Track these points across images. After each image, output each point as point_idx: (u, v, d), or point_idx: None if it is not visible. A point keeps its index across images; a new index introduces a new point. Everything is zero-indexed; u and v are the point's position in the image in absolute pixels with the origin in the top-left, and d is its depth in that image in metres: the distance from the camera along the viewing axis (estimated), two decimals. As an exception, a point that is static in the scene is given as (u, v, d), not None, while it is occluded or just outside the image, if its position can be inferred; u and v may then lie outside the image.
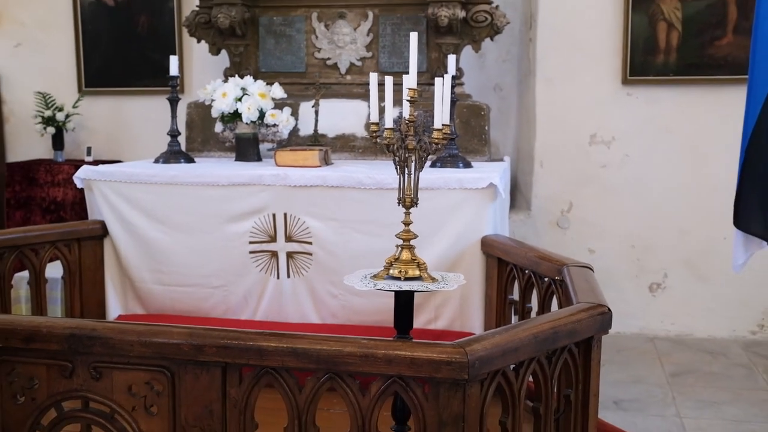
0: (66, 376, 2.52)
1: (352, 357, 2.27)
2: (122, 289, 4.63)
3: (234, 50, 5.48)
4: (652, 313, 5.85)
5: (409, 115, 2.48)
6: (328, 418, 2.44)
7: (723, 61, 5.60)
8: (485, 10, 5.16)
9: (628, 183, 5.82)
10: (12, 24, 6.67)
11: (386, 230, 3.14)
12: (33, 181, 6.21)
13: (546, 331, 2.47)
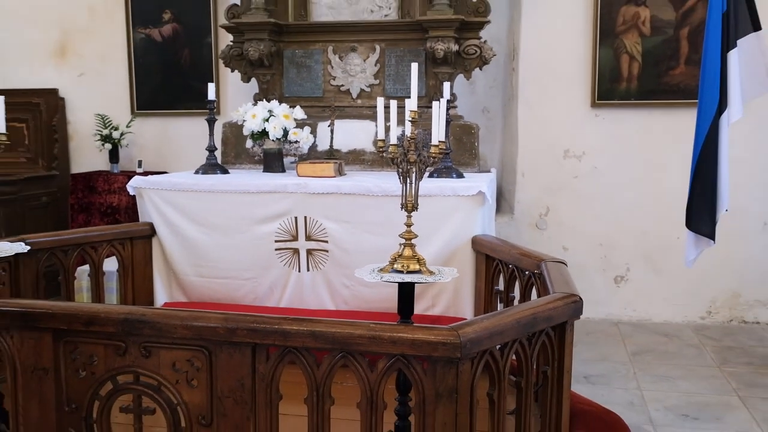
0: (120, 354, 2.52)
1: (362, 338, 2.27)
2: (167, 280, 4.63)
3: (262, 78, 5.49)
4: (616, 302, 5.84)
5: (411, 133, 2.48)
6: (341, 391, 2.43)
7: (676, 87, 5.60)
8: (475, 44, 5.17)
9: (596, 191, 5.81)
10: (76, 57, 6.69)
11: (391, 231, 3.14)
12: (93, 189, 6.22)
13: (527, 317, 2.47)
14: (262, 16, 5.23)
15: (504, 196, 6.12)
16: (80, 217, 6.23)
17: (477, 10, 5.17)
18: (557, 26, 5.78)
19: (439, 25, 5.03)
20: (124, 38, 6.50)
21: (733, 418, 3.90)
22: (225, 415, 2.44)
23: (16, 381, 2.61)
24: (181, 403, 2.49)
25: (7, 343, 2.60)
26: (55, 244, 3.94)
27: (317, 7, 5.47)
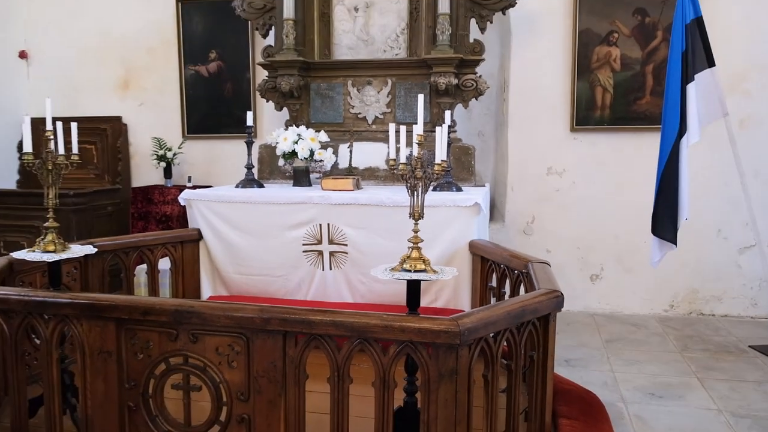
0: (172, 340, 2.53)
1: (376, 327, 2.27)
2: (212, 277, 4.64)
3: (292, 107, 5.49)
4: (592, 296, 5.81)
5: (418, 153, 2.48)
6: (358, 371, 2.43)
7: (643, 115, 5.58)
8: (472, 78, 5.16)
9: (574, 202, 5.79)
10: (137, 89, 6.73)
11: (400, 236, 3.13)
12: (150, 201, 6.25)
13: (516, 310, 2.47)
14: (293, 55, 5.25)
15: (496, 207, 6.11)
16: (139, 224, 6.26)
17: (474, 49, 5.17)
18: (541, 63, 5.78)
19: (441, 62, 5.03)
20: (177, 74, 6.54)
21: (693, 397, 3.87)
22: (260, 392, 2.44)
23: (84, 362, 2.63)
24: (223, 382, 2.49)
25: (77, 329, 2.61)
26: (118, 247, 3.97)
27: (339, 47, 5.48)
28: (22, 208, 5.93)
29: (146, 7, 6.52)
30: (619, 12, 5.56)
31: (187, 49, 6.48)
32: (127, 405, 2.61)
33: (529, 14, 5.67)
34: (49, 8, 6.75)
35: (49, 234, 2.88)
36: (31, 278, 3.43)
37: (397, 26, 5.36)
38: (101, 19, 6.65)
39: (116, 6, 6.60)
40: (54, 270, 2.99)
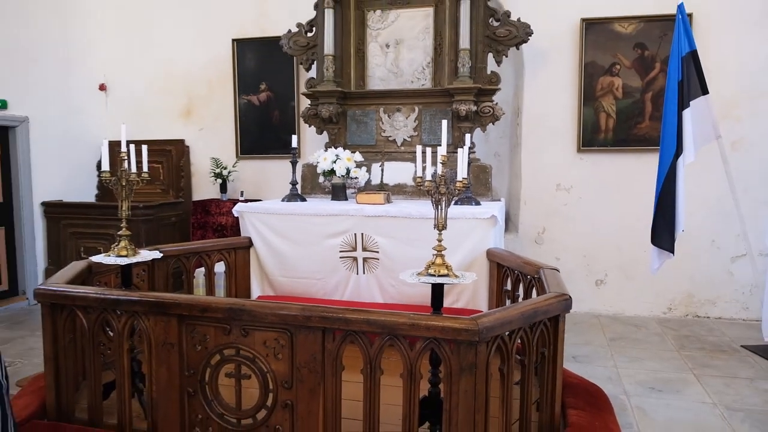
0: (226, 334, 2.55)
1: (404, 325, 2.26)
2: (260, 279, 4.66)
3: (331, 131, 5.52)
4: (597, 300, 5.71)
5: (441, 172, 2.47)
6: (388, 364, 2.41)
7: (642, 138, 5.50)
8: (489, 105, 5.13)
9: (581, 215, 5.72)
10: (198, 116, 6.83)
11: (426, 244, 3.11)
12: (207, 212, 6.31)
13: (529, 311, 2.43)
14: (332, 86, 5.28)
15: (510, 219, 6.05)
16: (198, 232, 6.32)
17: (491, 80, 5.15)
18: (551, 92, 5.73)
19: (462, 92, 5.01)
20: (232, 103, 6.62)
21: (690, 391, 3.76)
22: (302, 380, 2.44)
23: (150, 352, 2.65)
24: (269, 371, 2.50)
25: (144, 324, 2.65)
26: (180, 252, 4.00)
27: (372, 79, 5.50)
28: (100, 219, 6.05)
29: (206, 45, 6.63)
30: (621, 46, 5.49)
31: (241, 82, 6.56)
32: (186, 390, 2.63)
33: (540, 49, 5.64)
34: (123, 47, 6.90)
35: (123, 241, 2.91)
36: (106, 279, 3.49)
37: (423, 60, 5.36)
38: (168, 55, 6.78)
39: (180, 44, 6.73)
40: (126, 272, 3.03)
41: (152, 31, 6.80)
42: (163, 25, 6.76)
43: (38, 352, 3.51)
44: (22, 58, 5.88)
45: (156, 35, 6.79)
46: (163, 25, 6.76)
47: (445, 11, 5.18)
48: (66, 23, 6.44)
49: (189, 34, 6.69)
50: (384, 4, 5.37)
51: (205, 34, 6.61)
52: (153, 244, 4.39)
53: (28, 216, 6.05)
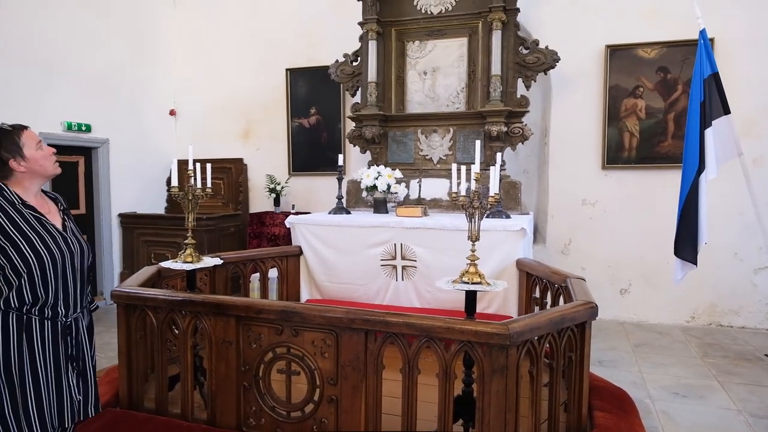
0: (278, 334, 2.57)
1: (440, 328, 2.23)
2: (309, 284, 4.69)
3: (373, 151, 5.55)
4: (621, 308, 5.54)
5: (475, 188, 2.44)
6: (425, 364, 2.39)
7: (665, 155, 5.34)
8: (519, 126, 5.08)
9: (606, 228, 5.57)
10: (255, 137, 6.97)
11: (460, 254, 3.08)
12: (262, 223, 6.40)
13: (557, 317, 2.37)
14: (375, 110, 5.32)
15: (539, 231, 5.94)
16: (254, 241, 6.41)
17: (520, 103, 5.09)
18: (577, 113, 5.63)
19: (494, 114, 4.97)
20: (285, 125, 6.73)
21: (714, 397, 3.59)
22: (346, 378, 2.44)
23: (211, 349, 2.70)
24: (317, 369, 2.51)
25: (206, 323, 2.69)
26: (238, 259, 4.05)
27: (411, 103, 5.52)
28: (168, 228, 6.21)
29: (263, 74, 6.78)
30: (644, 70, 5.36)
31: (293, 106, 6.67)
32: (242, 384, 2.66)
33: (566, 74, 5.55)
34: (191, 76, 7.13)
35: (188, 248, 2.96)
36: (173, 282, 3.55)
37: (458, 86, 5.35)
38: (229, 83, 6.96)
39: (241, 73, 6.90)
40: (191, 277, 3.08)
41: (216, 61, 7.00)
42: (226, 57, 6.95)
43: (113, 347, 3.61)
44: (106, 86, 6.13)
45: (220, 66, 6.99)
46: (226, 57, 6.95)
47: (478, 41, 5.17)
48: (143, 55, 6.69)
49: (248, 65, 6.85)
50: (422, 35, 5.39)
51: (262, 64, 6.76)
52: (214, 252, 4.46)
53: (107, 226, 6.27)
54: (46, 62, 5.43)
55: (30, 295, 1.98)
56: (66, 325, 2.08)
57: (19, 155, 2.03)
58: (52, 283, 2.02)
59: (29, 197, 2.07)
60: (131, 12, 6.48)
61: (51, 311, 2.04)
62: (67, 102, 5.69)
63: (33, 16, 5.29)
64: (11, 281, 1.96)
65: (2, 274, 1.95)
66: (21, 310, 1.98)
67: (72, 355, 2.11)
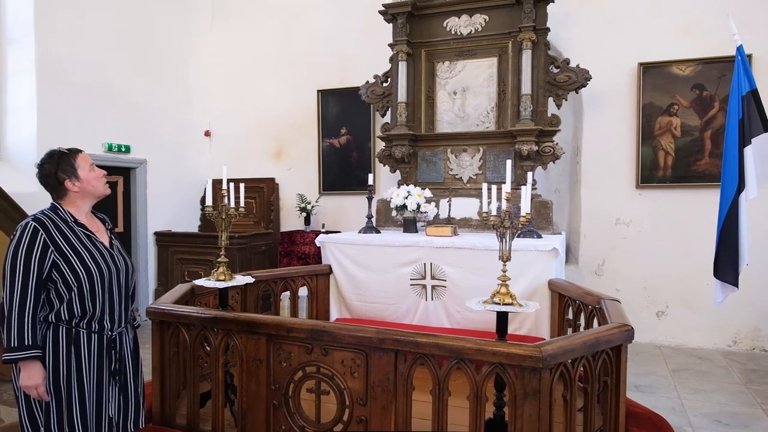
0: (308, 353, 2.57)
1: (471, 350, 2.20)
2: (338, 303, 4.69)
3: (403, 170, 5.57)
4: (658, 331, 5.37)
5: (506, 207, 2.42)
6: (456, 386, 2.35)
7: (702, 174, 5.20)
8: (550, 145, 5.03)
9: (641, 248, 5.44)
10: (286, 157, 7.08)
11: (491, 274, 3.05)
12: (293, 242, 6.45)
13: (591, 340, 2.31)
14: (404, 130, 5.35)
15: (571, 251, 5.83)
16: (285, 260, 6.46)
17: (551, 122, 5.05)
18: (609, 132, 5.56)
19: (524, 133, 4.94)
20: (316, 145, 6.82)
21: (760, 427, 3.43)
22: (375, 398, 2.41)
23: (242, 367, 2.71)
24: (346, 388, 2.49)
25: (237, 341, 2.71)
26: (269, 278, 4.09)
27: (440, 123, 5.53)
28: (202, 246, 6.33)
29: (294, 95, 6.91)
30: (678, 87, 5.27)
31: (324, 127, 6.76)
32: (272, 403, 2.66)
33: (598, 92, 5.50)
34: (224, 98, 7.31)
35: (221, 267, 3.00)
36: (206, 300, 3.60)
37: (488, 105, 5.34)
38: (262, 105, 7.11)
39: (273, 94, 7.05)
40: (223, 294, 3.12)
41: (250, 84, 7.16)
42: (260, 79, 7.11)
43: (145, 363, 3.66)
44: (145, 108, 6.34)
45: (253, 88, 7.15)
46: (259, 79, 7.11)
47: (508, 61, 5.17)
48: (181, 79, 6.90)
49: (281, 86, 6.99)
50: (452, 56, 5.42)
51: (294, 86, 6.89)
52: (245, 270, 4.52)
53: (143, 244, 6.42)
54: (90, 87, 5.65)
55: (79, 308, 2.06)
56: (111, 339, 2.15)
57: (74, 176, 2.14)
58: (99, 298, 2.11)
59: (81, 216, 2.17)
60: (170, 38, 6.70)
61: (97, 325, 2.11)
62: (109, 124, 5.90)
63: (78, 44, 5.53)
64: (62, 295, 2.05)
65: (54, 288, 2.04)
66: (70, 323, 2.06)
67: (115, 370, 2.17)
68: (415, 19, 5.43)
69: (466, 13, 5.27)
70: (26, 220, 2.06)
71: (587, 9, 5.61)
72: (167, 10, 6.64)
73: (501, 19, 5.16)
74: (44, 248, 2.02)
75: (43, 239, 2.02)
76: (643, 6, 5.42)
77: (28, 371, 1.99)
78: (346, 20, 6.57)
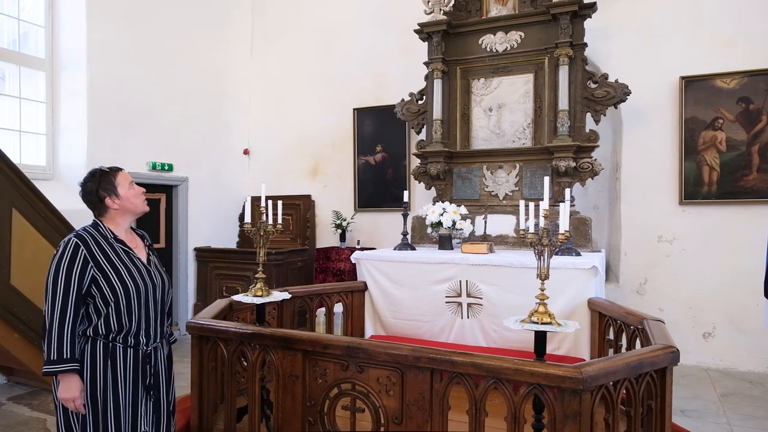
0: (343, 370, 2.57)
1: (509, 370, 2.16)
2: (373, 320, 4.68)
3: (438, 187, 5.56)
4: (705, 353, 5.15)
5: (544, 224, 2.39)
6: (493, 406, 2.31)
7: (750, 189, 5.00)
8: (588, 161, 4.94)
9: (685, 267, 5.25)
10: (322, 174, 7.17)
11: (527, 292, 3.00)
12: (329, 258, 6.49)
13: (634, 361, 2.24)
14: (440, 147, 5.35)
15: (611, 269, 5.68)
16: (320, 276, 6.50)
17: (589, 138, 4.97)
18: (650, 147, 5.43)
19: (561, 149, 4.88)
20: (352, 163, 6.88)
21: (817, 457, 3.23)
22: (411, 417, 2.39)
23: (278, 382, 2.73)
24: (381, 407, 2.48)
25: (274, 357, 2.74)
26: (305, 294, 4.12)
27: (476, 139, 5.51)
28: (239, 262, 6.43)
29: (331, 114, 7.01)
30: (722, 101, 5.11)
31: (360, 144, 6.83)
32: (308, 419, 2.67)
33: (638, 106, 5.39)
34: (263, 118, 7.48)
35: (259, 282, 3.04)
36: (243, 315, 3.64)
37: (524, 121, 5.30)
38: (299, 123, 7.24)
39: (309, 114, 7.17)
40: (260, 310, 3.14)
41: (288, 103, 7.32)
42: (297, 99, 7.25)
43: (184, 377, 3.73)
44: (187, 128, 6.55)
45: (290, 107, 7.30)
46: (296, 99, 7.26)
47: (545, 76, 5.13)
48: (222, 100, 7.11)
49: (317, 106, 7.11)
50: (487, 73, 5.42)
51: (330, 105, 7.00)
52: (281, 286, 4.57)
53: (183, 259, 6.58)
54: (136, 108, 5.88)
55: (116, 323, 2.11)
56: (146, 354, 2.19)
57: (114, 194, 2.21)
58: (136, 313, 2.15)
59: (120, 232, 2.24)
60: (212, 60, 6.92)
61: (133, 339, 2.16)
62: (153, 143, 6.11)
63: (125, 67, 5.77)
64: (101, 310, 2.10)
65: (93, 303, 2.10)
66: (107, 337, 2.11)
67: (150, 384, 2.21)
68: (450, 37, 5.46)
69: (502, 30, 5.27)
70: (68, 237, 2.13)
71: (626, 23, 5.53)
72: (210, 34, 6.88)
73: (537, 35, 5.14)
74: (84, 264, 2.07)
75: (83, 255, 2.08)
76: (684, 18, 5.31)
77: (66, 384, 2.04)
78: (381, 39, 6.66)
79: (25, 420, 3.84)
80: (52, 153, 5.49)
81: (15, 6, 5.25)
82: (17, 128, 5.27)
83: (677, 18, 5.34)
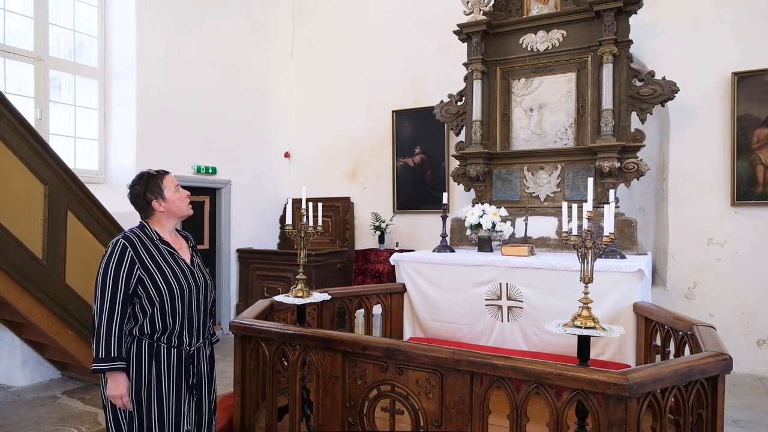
0: (383, 371, 2.57)
1: (551, 375, 2.12)
2: (412, 322, 4.67)
3: (477, 189, 5.51)
4: (759, 360, 4.92)
5: (588, 226, 2.33)
6: (534, 412, 2.27)
7: (809, 190, 4.74)
8: (633, 162, 4.79)
9: (737, 270, 5.03)
10: (361, 177, 7.21)
11: (571, 296, 2.93)
12: (367, 260, 6.52)
13: (684, 369, 2.16)
14: (479, 148, 5.30)
15: (657, 273, 5.49)
16: (359, 278, 6.53)
17: (635, 137, 4.82)
18: (699, 146, 5.23)
19: (605, 149, 4.75)
20: (391, 165, 6.90)
21: None
22: (450, 420, 2.37)
23: (318, 383, 2.75)
24: (420, 409, 2.47)
25: (314, 357, 2.76)
26: (344, 295, 4.14)
27: (516, 140, 5.44)
28: (280, 263, 6.53)
29: (370, 117, 7.05)
30: (778, 98, 4.87)
31: (399, 146, 6.83)
32: (347, 420, 2.68)
33: (686, 104, 5.20)
34: (303, 121, 7.59)
35: (300, 283, 3.07)
36: (284, 315, 3.68)
37: (566, 121, 5.19)
38: (339, 126, 7.31)
39: (349, 117, 7.23)
40: (301, 311, 3.17)
41: (328, 107, 7.40)
42: (337, 102, 7.33)
43: (227, 375, 3.82)
44: (231, 132, 6.70)
45: (330, 110, 7.37)
46: (336, 102, 7.33)
47: (588, 75, 5.01)
48: (264, 104, 7.25)
49: (356, 108, 7.16)
50: (528, 72, 5.33)
51: (370, 107, 7.04)
52: (321, 287, 4.60)
53: (226, 260, 6.73)
54: (182, 113, 6.06)
55: (160, 323, 2.17)
56: (189, 354, 2.25)
57: (161, 197, 2.28)
58: (179, 313, 2.21)
59: (165, 234, 2.30)
60: (254, 66, 7.07)
61: (177, 339, 2.21)
62: (198, 147, 6.28)
63: (172, 74, 5.96)
64: (146, 310, 2.17)
65: (139, 303, 2.16)
66: (152, 337, 2.17)
67: (192, 384, 2.26)
68: (490, 37, 5.40)
69: (543, 29, 5.18)
70: (116, 238, 2.19)
71: (673, 18, 5.35)
72: (253, 40, 7.03)
73: (579, 34, 5.03)
74: (131, 264, 2.13)
75: (130, 256, 2.13)
76: (735, 13, 5.10)
77: (113, 381, 2.10)
78: (420, 41, 6.66)
79: (78, 413, 4.01)
80: (104, 157, 5.71)
81: (71, 18, 5.50)
82: (72, 134, 5.51)
83: (728, 12, 5.12)
